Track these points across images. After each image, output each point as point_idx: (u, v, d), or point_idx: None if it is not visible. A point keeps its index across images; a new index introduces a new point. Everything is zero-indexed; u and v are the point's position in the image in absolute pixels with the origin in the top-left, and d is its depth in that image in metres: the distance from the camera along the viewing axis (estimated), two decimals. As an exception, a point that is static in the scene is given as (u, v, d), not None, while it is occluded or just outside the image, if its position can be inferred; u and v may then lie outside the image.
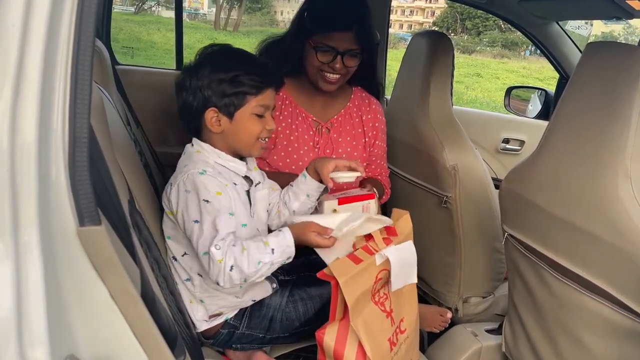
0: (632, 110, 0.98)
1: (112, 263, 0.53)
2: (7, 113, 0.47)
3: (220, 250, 1.05)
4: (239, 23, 22.11)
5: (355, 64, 1.54)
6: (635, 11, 1.67)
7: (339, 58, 1.48)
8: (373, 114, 1.70)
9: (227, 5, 23.93)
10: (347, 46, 1.48)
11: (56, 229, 0.51)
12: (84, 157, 0.52)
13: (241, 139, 1.20)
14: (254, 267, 1.06)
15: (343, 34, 1.47)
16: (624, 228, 1.00)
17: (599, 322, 1.11)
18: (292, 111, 1.60)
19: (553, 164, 1.17)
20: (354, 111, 1.68)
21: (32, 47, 0.49)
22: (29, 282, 0.47)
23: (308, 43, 1.50)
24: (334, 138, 1.63)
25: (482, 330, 1.61)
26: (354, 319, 1.03)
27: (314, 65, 1.50)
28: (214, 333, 1.27)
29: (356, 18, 1.49)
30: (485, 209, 1.64)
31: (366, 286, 1.06)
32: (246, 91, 1.15)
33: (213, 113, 1.16)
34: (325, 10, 1.50)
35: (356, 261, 1.05)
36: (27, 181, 0.48)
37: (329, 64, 1.49)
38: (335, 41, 1.47)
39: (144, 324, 0.56)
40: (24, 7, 0.48)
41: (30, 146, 0.49)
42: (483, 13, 20.97)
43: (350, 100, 1.68)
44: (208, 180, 1.12)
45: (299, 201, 1.31)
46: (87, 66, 0.52)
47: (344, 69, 1.51)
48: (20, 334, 0.46)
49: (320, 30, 1.47)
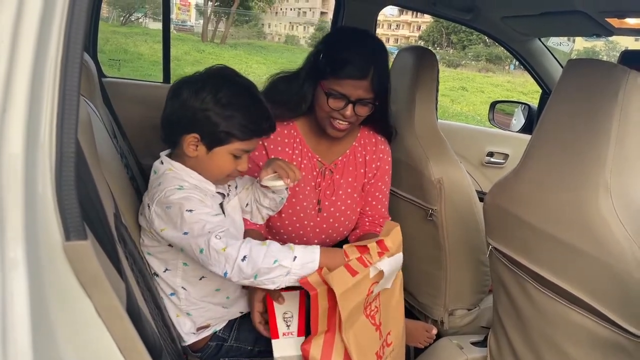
0: (611, 125, 1.00)
1: (98, 278, 0.53)
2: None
3: (222, 240, 1.02)
4: (227, 35, 22.17)
5: (367, 113, 1.45)
6: (614, 29, 1.71)
7: (350, 106, 1.40)
8: (377, 154, 1.62)
9: (215, 18, 24.00)
10: (361, 94, 1.39)
11: (42, 243, 0.50)
12: (70, 172, 0.52)
13: (211, 172, 1.18)
14: (268, 264, 1.02)
15: (358, 82, 1.37)
16: (605, 241, 1.01)
17: (582, 334, 1.12)
18: (301, 150, 1.54)
19: (535, 177, 1.19)
20: (358, 150, 1.61)
21: (21, 62, 0.49)
22: (14, 299, 0.47)
23: (319, 85, 1.42)
24: (336, 179, 1.57)
25: (468, 343, 1.62)
26: (346, 332, 1.03)
27: (323, 109, 1.42)
28: (202, 346, 1.26)
29: (374, 66, 1.38)
30: (470, 222, 1.66)
31: (359, 299, 1.06)
32: (234, 134, 1.13)
33: (193, 139, 1.13)
34: (342, 55, 1.39)
35: (352, 273, 1.04)
36: (14, 195, 0.48)
37: (340, 111, 1.41)
38: (349, 88, 1.38)
39: (129, 340, 0.56)
40: (13, 22, 0.48)
41: (17, 160, 0.49)
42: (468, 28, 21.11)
43: (357, 139, 1.61)
44: (187, 194, 1.11)
45: (268, 198, 1.34)
46: (75, 81, 0.52)
47: (355, 117, 1.43)
48: (4, 350, 0.46)
49: (334, 75, 1.38)
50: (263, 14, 29.66)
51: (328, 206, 1.56)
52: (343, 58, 1.38)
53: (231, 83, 1.17)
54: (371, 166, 1.61)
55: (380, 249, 1.16)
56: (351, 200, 1.58)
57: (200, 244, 1.02)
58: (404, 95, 1.68)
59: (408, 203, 1.74)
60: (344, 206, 1.57)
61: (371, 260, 1.11)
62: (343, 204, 1.57)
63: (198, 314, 1.23)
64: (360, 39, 1.46)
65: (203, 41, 20.41)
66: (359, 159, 1.60)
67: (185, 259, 1.17)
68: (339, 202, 1.56)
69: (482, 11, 1.98)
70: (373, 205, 1.63)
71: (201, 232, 1.03)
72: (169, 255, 1.18)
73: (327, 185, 1.56)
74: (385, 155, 1.64)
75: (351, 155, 1.59)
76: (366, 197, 1.63)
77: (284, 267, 1.03)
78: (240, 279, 1.03)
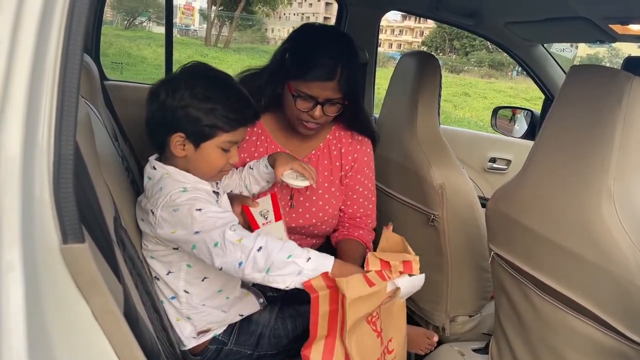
0: (614, 131, 0.99)
1: (95, 282, 0.53)
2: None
3: (236, 232, 1.02)
4: (230, 40, 22.24)
5: (336, 112, 1.44)
6: (618, 35, 1.71)
7: (318, 107, 1.38)
8: (353, 146, 1.60)
9: (219, 22, 24.08)
10: (329, 95, 1.37)
11: (39, 246, 0.50)
12: (68, 174, 0.51)
13: (202, 169, 1.17)
14: (282, 258, 1.00)
15: (325, 84, 1.35)
16: (608, 248, 1.00)
17: (583, 342, 1.11)
18: (267, 147, 1.53)
19: (538, 183, 1.18)
20: (333, 143, 1.58)
21: (19, 62, 0.48)
22: (10, 302, 0.46)
23: (287, 85, 1.40)
24: None
25: (469, 350, 1.60)
26: (349, 338, 1.01)
27: (292, 110, 1.41)
28: (202, 350, 1.25)
29: (341, 66, 1.35)
30: (472, 227, 1.65)
31: (369, 310, 1.04)
32: (219, 126, 1.12)
33: (179, 138, 1.12)
34: (309, 56, 1.37)
35: (370, 284, 1.02)
36: (11, 198, 0.48)
37: (308, 112, 1.39)
38: (316, 90, 1.36)
39: (126, 345, 0.56)
40: (12, 22, 0.47)
41: (15, 162, 0.48)
42: (471, 34, 21.24)
43: (331, 133, 1.59)
44: (193, 194, 1.10)
45: (260, 186, 1.38)
46: (75, 82, 0.52)
47: (324, 117, 1.41)
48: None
49: (301, 77, 1.36)
50: (266, 19, 29.74)
51: (303, 201, 1.53)
52: (309, 60, 1.36)
53: (206, 77, 1.16)
54: (347, 158, 1.59)
55: (404, 269, 1.11)
56: (329, 195, 1.56)
57: (215, 238, 1.02)
58: (406, 100, 1.68)
59: (409, 208, 1.73)
60: (321, 200, 1.54)
61: (390, 276, 1.08)
62: (320, 199, 1.54)
63: (198, 318, 1.22)
64: (327, 38, 1.44)
65: (206, 45, 20.47)
66: (334, 152, 1.58)
67: (190, 260, 1.17)
68: (314, 196, 1.54)
69: (485, 17, 1.98)
70: (354, 199, 1.60)
71: (214, 226, 1.03)
72: (173, 258, 1.17)
73: None
74: (363, 146, 1.61)
75: (325, 148, 1.57)
76: (347, 192, 1.60)
77: (297, 265, 1.01)
78: (253, 272, 1.01)
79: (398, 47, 35.93)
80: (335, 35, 1.50)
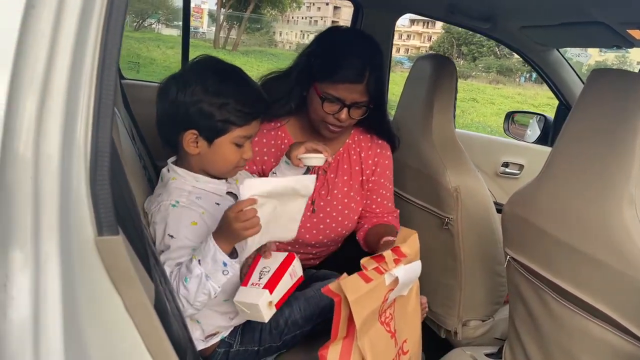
0: (636, 136, 0.99)
1: (128, 274, 0.53)
2: (33, 124, 0.47)
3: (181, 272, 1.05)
4: (239, 42, 22.33)
5: (362, 116, 1.44)
6: (635, 40, 1.70)
7: (345, 110, 1.38)
8: (373, 151, 1.59)
9: (227, 25, 24.18)
10: (356, 98, 1.37)
11: (74, 238, 0.50)
12: (105, 169, 0.52)
13: (217, 166, 1.17)
14: (182, 287, 1.03)
15: (354, 86, 1.35)
16: (629, 254, 1.00)
17: (601, 347, 1.10)
18: None
19: (557, 188, 1.18)
20: (352, 148, 1.58)
21: (59, 60, 0.49)
22: (47, 292, 0.47)
23: (313, 88, 1.40)
24: (330, 178, 1.55)
25: (482, 354, 1.60)
26: (361, 338, 1.02)
27: (317, 113, 1.41)
28: (211, 353, 1.26)
29: (370, 68, 1.36)
30: (486, 231, 1.64)
31: (374, 306, 1.05)
32: (232, 121, 1.12)
33: (192, 135, 1.12)
34: (338, 58, 1.37)
35: (366, 280, 1.04)
36: (50, 192, 0.48)
37: (334, 115, 1.39)
38: (344, 92, 1.36)
39: (156, 338, 0.56)
40: (53, 19, 0.48)
41: (54, 158, 0.49)
42: (479, 39, 21.25)
43: (350, 137, 1.59)
44: (179, 213, 1.10)
45: None
46: (112, 80, 0.52)
47: (349, 120, 1.41)
48: (36, 343, 0.45)
49: (329, 79, 1.36)
50: (275, 22, 29.85)
51: (324, 206, 1.53)
52: (338, 61, 1.36)
53: (216, 71, 1.15)
54: (367, 162, 1.58)
55: (397, 255, 1.15)
56: (348, 199, 1.56)
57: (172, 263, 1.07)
58: (421, 103, 1.68)
59: (424, 211, 1.73)
60: (341, 205, 1.55)
61: (387, 268, 1.11)
62: (340, 203, 1.55)
63: (207, 322, 1.22)
64: (356, 41, 1.45)
65: (215, 48, 20.55)
66: (353, 156, 1.58)
67: None
68: (334, 201, 1.54)
69: (500, 21, 1.97)
70: (378, 202, 1.61)
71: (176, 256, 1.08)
72: None
73: (321, 185, 1.54)
74: (383, 150, 1.61)
75: (345, 153, 1.57)
76: (370, 196, 1.60)
77: (197, 276, 1.02)
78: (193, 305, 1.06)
79: (406, 51, 35.95)
80: (362, 37, 1.50)
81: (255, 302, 1.09)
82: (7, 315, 0.44)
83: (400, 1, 2.14)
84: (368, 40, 1.46)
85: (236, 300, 1.12)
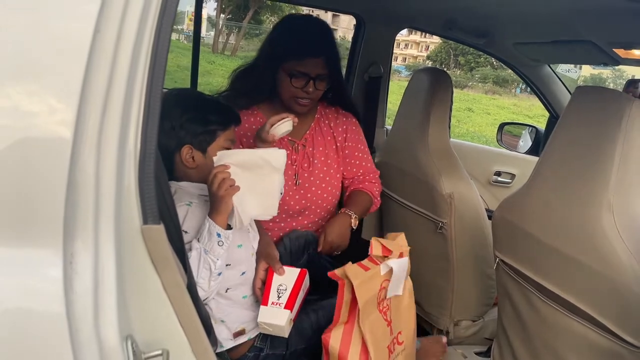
0: (615, 148, 1.07)
1: (166, 258, 0.62)
2: (95, 133, 0.56)
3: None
4: (237, 47, 22.41)
5: (325, 87, 1.65)
6: (621, 59, 1.80)
7: (311, 82, 1.58)
8: (340, 119, 1.80)
9: (226, 30, 24.28)
10: (319, 71, 1.58)
11: (125, 226, 0.59)
12: (150, 167, 0.61)
13: None
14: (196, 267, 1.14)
15: (315, 60, 1.57)
16: (608, 256, 1.08)
17: (583, 344, 1.18)
18: None
19: (543, 194, 1.26)
20: (321, 121, 1.78)
21: (117, 77, 0.58)
22: (104, 270, 0.56)
23: (281, 70, 1.59)
24: (309, 152, 1.73)
25: (472, 353, 1.68)
26: (363, 321, 1.12)
27: (288, 90, 1.60)
28: (241, 356, 1.34)
29: (325, 44, 1.61)
30: (478, 235, 1.73)
31: (373, 292, 1.16)
32: (216, 128, 1.27)
33: (188, 150, 1.25)
34: (298, 39, 1.61)
35: (364, 268, 1.15)
36: (107, 187, 0.57)
37: (302, 89, 1.58)
38: (308, 67, 1.57)
39: (188, 314, 0.65)
40: (114, 41, 0.57)
41: (111, 160, 0.58)
42: (476, 50, 21.11)
43: (317, 112, 1.78)
44: (193, 211, 1.22)
45: None
46: (160, 84, 0.61)
47: (315, 92, 1.61)
48: (96, 310, 0.54)
49: (294, 57, 1.56)
50: (274, 28, 29.87)
51: (307, 177, 1.70)
52: (299, 41, 1.59)
53: (189, 95, 1.38)
54: (338, 130, 1.79)
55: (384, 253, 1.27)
56: (327, 167, 1.73)
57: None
58: (418, 114, 1.77)
59: (419, 216, 1.82)
60: (322, 173, 1.72)
61: (380, 260, 1.22)
62: (321, 172, 1.72)
63: (230, 320, 1.30)
64: (311, 24, 1.67)
65: (214, 52, 20.62)
66: (324, 128, 1.78)
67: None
68: (316, 170, 1.71)
69: (495, 37, 2.07)
70: (357, 165, 1.81)
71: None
72: None
73: (302, 158, 1.71)
74: (349, 118, 1.83)
75: (316, 127, 1.77)
76: (350, 161, 1.80)
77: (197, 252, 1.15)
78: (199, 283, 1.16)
79: (403, 60, 36.16)
80: (316, 21, 1.70)
81: (281, 323, 1.22)
82: (73, 287, 0.53)
83: (400, 16, 2.24)
84: (321, 23, 1.67)
85: (260, 320, 1.23)
